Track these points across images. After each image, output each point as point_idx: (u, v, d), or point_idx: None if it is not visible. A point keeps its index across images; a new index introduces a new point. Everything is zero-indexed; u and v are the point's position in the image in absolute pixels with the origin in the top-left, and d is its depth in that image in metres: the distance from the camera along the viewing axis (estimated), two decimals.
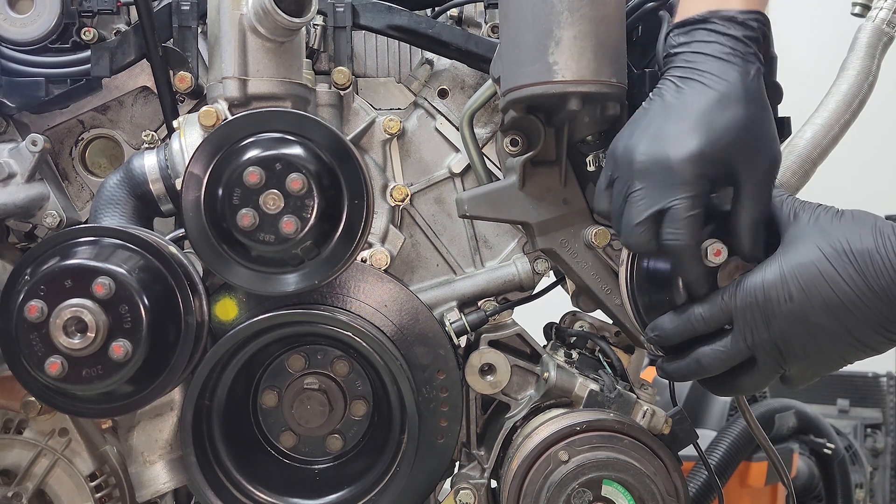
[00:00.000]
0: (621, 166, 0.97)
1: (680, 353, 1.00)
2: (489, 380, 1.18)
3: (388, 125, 1.23)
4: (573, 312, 1.26)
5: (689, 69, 0.95)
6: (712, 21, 0.96)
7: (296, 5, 1.04)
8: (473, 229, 1.26)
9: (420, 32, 1.21)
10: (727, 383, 0.99)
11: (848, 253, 0.89)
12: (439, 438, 1.16)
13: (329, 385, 1.16)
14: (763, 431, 1.31)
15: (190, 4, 1.19)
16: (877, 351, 0.90)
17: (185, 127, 1.11)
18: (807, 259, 0.90)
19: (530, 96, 1.03)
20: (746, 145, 0.93)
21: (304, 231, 1.02)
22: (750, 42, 0.95)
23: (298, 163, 1.02)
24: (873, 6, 1.27)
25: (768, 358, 0.93)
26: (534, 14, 1.00)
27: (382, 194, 1.22)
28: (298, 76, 1.12)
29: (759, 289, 0.92)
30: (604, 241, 1.14)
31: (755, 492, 2.66)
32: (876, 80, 1.22)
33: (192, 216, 1.03)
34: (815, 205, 0.96)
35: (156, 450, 1.13)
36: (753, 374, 0.96)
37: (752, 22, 0.96)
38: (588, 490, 1.03)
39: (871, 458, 3.45)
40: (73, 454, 1.11)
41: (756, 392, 2.36)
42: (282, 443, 1.17)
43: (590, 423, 1.07)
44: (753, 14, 0.96)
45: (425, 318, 1.17)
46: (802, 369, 0.95)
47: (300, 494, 1.14)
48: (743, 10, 0.96)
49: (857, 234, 0.90)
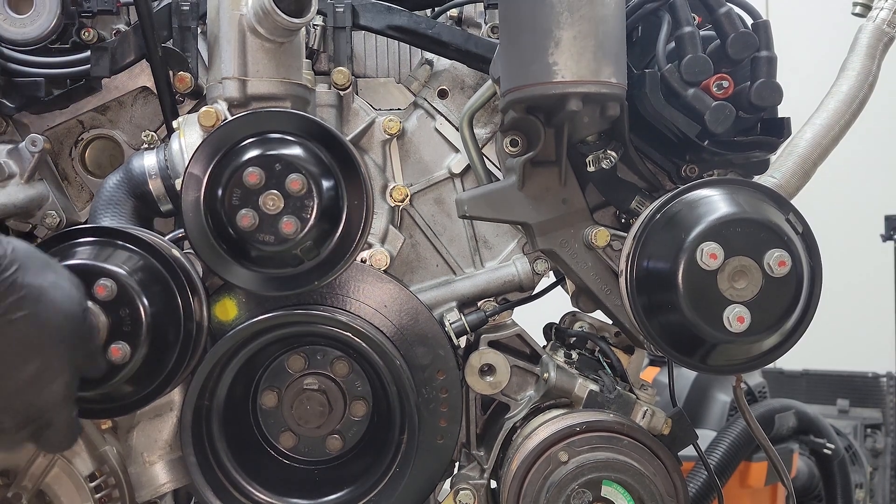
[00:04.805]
0: None
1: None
2: (489, 380, 1.18)
3: (387, 125, 1.23)
4: (573, 313, 1.26)
5: None
6: None
7: (295, 6, 1.04)
8: (473, 230, 1.26)
9: (420, 33, 1.21)
10: None
11: None
12: (439, 439, 1.16)
13: (329, 385, 1.16)
14: (763, 431, 1.31)
15: (189, 5, 1.19)
16: None
17: (185, 127, 1.11)
18: None
19: (530, 97, 1.03)
20: None
21: (303, 231, 1.02)
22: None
23: (298, 163, 1.02)
24: (874, 6, 1.26)
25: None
26: (533, 14, 1.00)
27: (382, 195, 1.22)
28: (298, 76, 1.12)
29: None
30: (603, 241, 1.14)
31: (755, 492, 2.66)
32: (876, 80, 1.22)
33: (191, 216, 1.03)
34: None
35: (155, 450, 1.13)
36: None
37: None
38: (588, 490, 1.03)
39: (871, 458, 3.45)
40: (73, 454, 1.11)
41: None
42: (281, 443, 1.17)
43: (589, 424, 1.07)
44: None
45: (425, 319, 1.17)
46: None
47: (300, 495, 1.14)
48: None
49: None
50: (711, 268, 0.98)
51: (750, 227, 1.00)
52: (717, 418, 2.85)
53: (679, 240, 1.01)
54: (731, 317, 0.99)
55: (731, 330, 0.99)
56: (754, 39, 1.10)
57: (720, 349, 1.03)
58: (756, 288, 1.00)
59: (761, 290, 1.00)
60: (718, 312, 1.00)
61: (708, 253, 0.98)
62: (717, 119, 1.07)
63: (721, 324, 1.00)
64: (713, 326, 1.00)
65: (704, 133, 1.09)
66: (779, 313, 1.01)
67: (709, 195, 1.04)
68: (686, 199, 1.06)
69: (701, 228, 1.00)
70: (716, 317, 1.00)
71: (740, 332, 0.99)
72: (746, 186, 1.06)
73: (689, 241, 1.00)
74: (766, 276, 1.00)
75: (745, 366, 1.06)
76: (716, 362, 1.05)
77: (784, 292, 1.00)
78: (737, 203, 1.02)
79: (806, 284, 1.01)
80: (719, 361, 1.05)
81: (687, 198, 1.06)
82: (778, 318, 1.01)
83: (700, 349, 1.04)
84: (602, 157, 1.12)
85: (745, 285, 1.00)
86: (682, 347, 1.05)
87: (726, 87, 1.09)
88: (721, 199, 1.03)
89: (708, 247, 0.98)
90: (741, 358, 1.05)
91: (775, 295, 1.00)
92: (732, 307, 0.99)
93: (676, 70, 1.08)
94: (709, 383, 2.92)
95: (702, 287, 1.00)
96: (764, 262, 0.99)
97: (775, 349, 1.04)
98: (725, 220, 1.00)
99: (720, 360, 1.05)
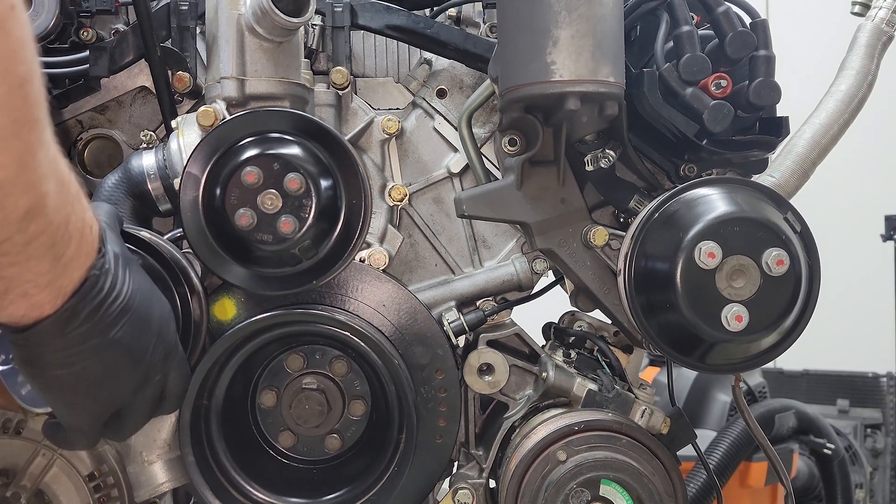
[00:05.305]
0: None
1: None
2: (487, 380, 1.18)
3: (386, 125, 1.23)
4: (572, 312, 1.26)
5: None
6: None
7: (294, 5, 1.04)
8: (472, 229, 1.26)
9: (418, 32, 1.21)
10: None
11: None
12: (437, 438, 1.16)
13: (327, 385, 1.16)
14: (762, 432, 1.31)
15: (188, 4, 1.19)
16: None
17: (184, 127, 1.11)
18: None
19: (528, 96, 1.03)
20: None
21: (302, 231, 1.02)
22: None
23: (296, 162, 1.02)
24: (872, 5, 1.26)
25: None
26: (531, 14, 1.00)
27: (381, 194, 1.22)
28: (297, 76, 1.12)
29: None
30: (602, 240, 1.14)
31: (755, 492, 2.67)
32: (875, 79, 1.22)
33: (190, 216, 1.03)
34: None
35: (154, 449, 1.13)
36: None
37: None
38: (586, 490, 1.03)
39: (871, 459, 3.45)
40: (72, 454, 1.11)
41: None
42: (280, 442, 1.17)
43: (588, 423, 1.07)
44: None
45: (423, 318, 1.17)
46: None
47: (298, 494, 1.14)
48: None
49: None
50: (709, 267, 0.99)
51: (748, 227, 1.00)
52: (717, 418, 2.85)
53: (677, 239, 1.01)
54: (729, 316, 0.99)
55: (729, 329, 0.99)
56: (753, 38, 1.10)
57: (718, 348, 1.03)
58: (754, 287, 1.00)
59: (759, 289, 1.00)
60: (716, 311, 1.00)
61: (706, 252, 0.98)
62: (716, 118, 1.07)
63: (719, 323, 1.00)
64: (711, 325, 1.00)
65: (703, 132, 1.09)
66: (777, 312, 1.01)
67: (707, 194, 1.04)
68: (684, 198, 1.06)
69: (699, 227, 1.00)
70: (714, 316, 1.00)
71: (738, 331, 0.99)
72: (745, 185, 1.06)
73: (688, 240, 1.00)
74: (765, 275, 1.00)
75: (744, 365, 1.06)
76: (714, 361, 1.05)
77: (782, 291, 1.00)
78: (735, 202, 1.02)
79: (804, 283, 1.01)
80: (718, 360, 1.05)
81: (685, 197, 1.06)
82: (776, 317, 1.01)
83: (698, 348, 1.04)
84: (600, 157, 1.12)
85: (744, 284, 1.00)
86: (681, 346, 1.05)
87: (725, 86, 1.09)
88: (719, 199, 1.03)
89: (706, 246, 0.98)
90: (739, 357, 1.05)
91: (773, 294, 1.00)
92: (730, 306, 0.99)
93: (675, 69, 1.09)
94: (709, 383, 2.92)
95: (700, 286, 1.00)
96: (762, 261, 0.99)
97: (774, 348, 1.04)
98: (724, 219, 1.00)
99: (719, 359, 1.05)
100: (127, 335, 0.85)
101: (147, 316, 0.88)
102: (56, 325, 0.79)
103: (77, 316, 0.80)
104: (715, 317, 1.00)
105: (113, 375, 0.86)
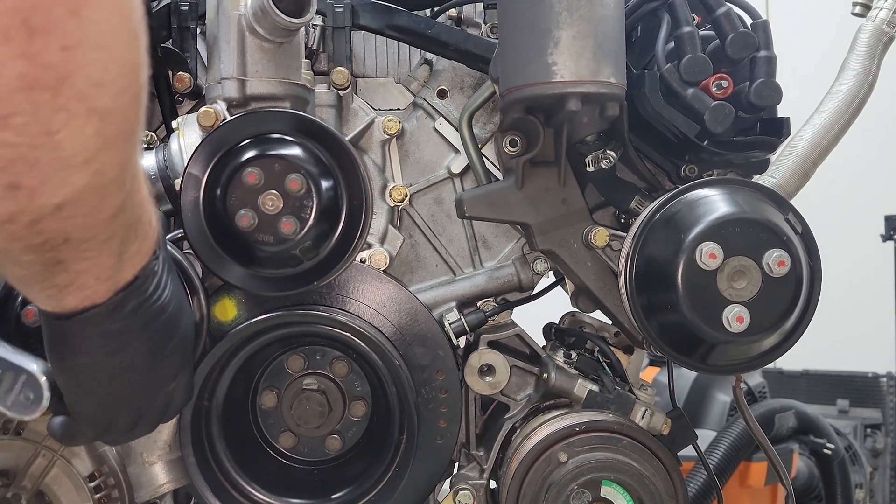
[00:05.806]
0: None
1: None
2: (488, 380, 1.18)
3: (387, 126, 1.22)
4: (572, 313, 1.26)
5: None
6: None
7: (295, 5, 1.04)
8: (473, 230, 1.26)
9: (419, 33, 1.21)
10: None
11: None
12: (438, 439, 1.16)
13: (328, 386, 1.16)
14: (762, 432, 1.31)
15: (189, 5, 1.19)
16: None
17: (184, 127, 1.11)
18: None
19: (529, 97, 1.03)
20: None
21: (302, 232, 1.02)
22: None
23: (297, 163, 1.02)
24: (873, 6, 1.26)
25: None
26: (532, 14, 1.00)
27: (381, 195, 1.22)
28: (297, 77, 1.12)
29: None
30: (603, 241, 1.14)
31: (755, 492, 2.66)
32: (876, 80, 1.22)
33: (190, 217, 1.03)
34: None
35: (155, 450, 1.13)
36: None
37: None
38: (587, 491, 1.03)
39: (871, 459, 3.45)
40: (72, 454, 1.11)
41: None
42: (281, 443, 1.17)
43: (589, 424, 1.07)
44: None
45: (424, 319, 1.17)
46: None
47: (299, 495, 1.14)
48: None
49: None
50: (710, 268, 0.99)
51: (749, 227, 1.00)
52: (717, 418, 2.85)
53: (678, 240, 1.01)
54: (730, 317, 0.99)
55: (730, 330, 0.99)
56: (753, 39, 1.10)
57: (719, 349, 1.03)
58: (755, 288, 1.00)
59: (760, 290, 1.00)
60: (718, 312, 1.00)
61: (707, 253, 0.98)
62: (717, 119, 1.07)
63: (720, 324, 0.99)
64: (712, 326, 1.00)
65: (704, 133, 1.09)
66: (778, 313, 1.01)
67: (708, 195, 1.04)
68: (685, 199, 1.06)
69: (700, 228, 1.00)
70: (715, 317, 1.00)
71: (739, 332, 0.99)
72: (746, 186, 1.06)
73: (689, 241, 1.00)
74: (766, 276, 1.00)
75: (745, 366, 1.06)
76: (715, 362, 1.05)
77: (783, 292, 1.00)
78: (736, 203, 1.02)
79: (805, 284, 1.01)
80: (719, 361, 1.05)
81: (686, 198, 1.06)
82: (777, 318, 1.01)
83: (699, 349, 1.04)
84: (601, 157, 1.12)
85: (745, 285, 1.00)
86: (682, 347, 1.05)
87: (725, 86, 1.09)
88: (720, 199, 1.03)
89: (707, 247, 0.98)
90: (740, 358, 1.05)
91: (774, 295, 1.00)
92: (732, 307, 0.99)
93: (676, 70, 1.08)
94: (709, 383, 2.92)
95: (701, 287, 1.00)
96: (763, 262, 0.99)
97: (775, 349, 1.04)
98: (725, 220, 1.00)
99: (719, 360, 1.05)
100: (157, 335, 0.87)
101: (176, 324, 0.90)
102: (100, 317, 0.80)
103: (121, 310, 0.81)
104: (716, 318, 1.00)
105: (132, 369, 0.87)
